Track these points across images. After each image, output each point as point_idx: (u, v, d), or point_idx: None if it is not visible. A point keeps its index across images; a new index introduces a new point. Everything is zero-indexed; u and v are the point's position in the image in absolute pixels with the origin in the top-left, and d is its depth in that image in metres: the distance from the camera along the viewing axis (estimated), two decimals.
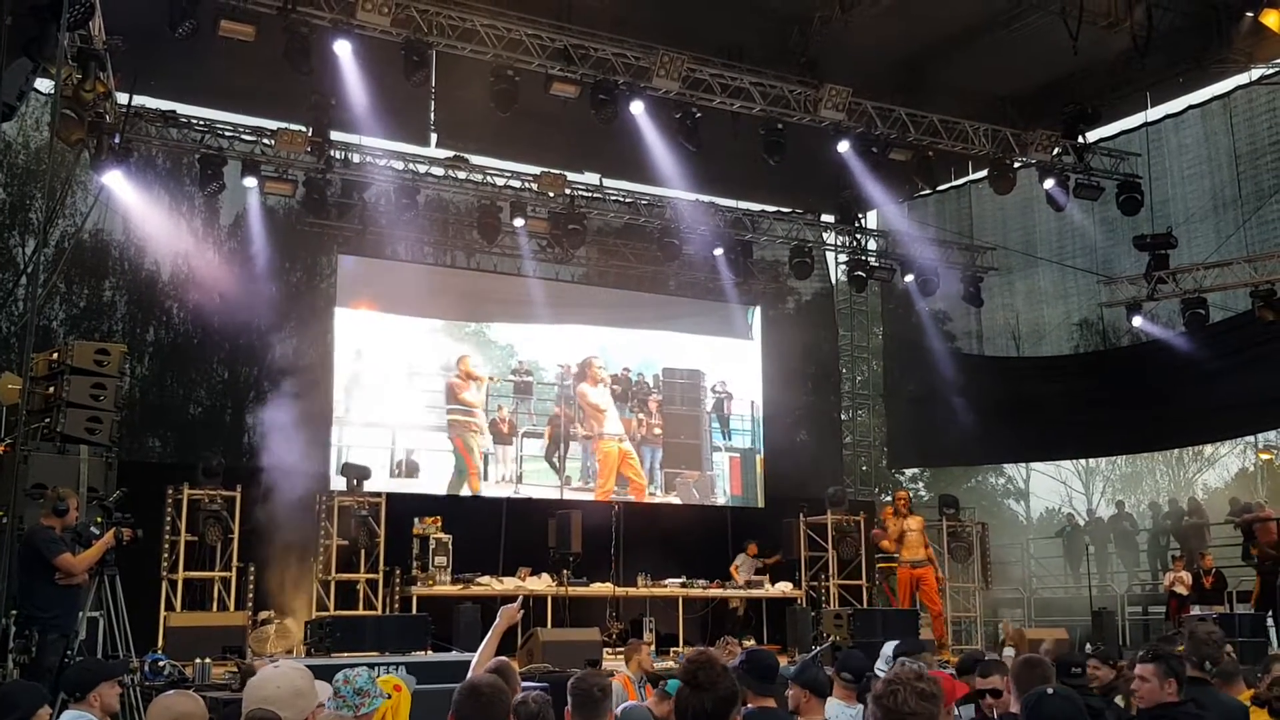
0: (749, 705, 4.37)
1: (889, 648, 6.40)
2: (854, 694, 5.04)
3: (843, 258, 18.15)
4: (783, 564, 14.77)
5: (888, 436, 19.63)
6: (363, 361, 14.33)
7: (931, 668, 5.82)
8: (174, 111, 13.01)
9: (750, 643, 11.47)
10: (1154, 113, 15.78)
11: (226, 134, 13.22)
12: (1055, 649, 9.35)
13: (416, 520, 12.66)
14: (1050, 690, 3.44)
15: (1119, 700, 5.40)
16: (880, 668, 6.13)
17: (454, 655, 9.72)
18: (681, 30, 12.72)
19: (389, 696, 3.97)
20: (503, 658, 4.59)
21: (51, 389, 9.07)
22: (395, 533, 12.55)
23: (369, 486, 12.78)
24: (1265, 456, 31.05)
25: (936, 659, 9.08)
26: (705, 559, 14.68)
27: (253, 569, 11.90)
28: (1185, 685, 4.42)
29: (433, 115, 14.74)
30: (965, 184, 17.79)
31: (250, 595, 11.83)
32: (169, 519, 11.49)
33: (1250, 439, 28.05)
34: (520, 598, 5.61)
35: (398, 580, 12.39)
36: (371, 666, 4.24)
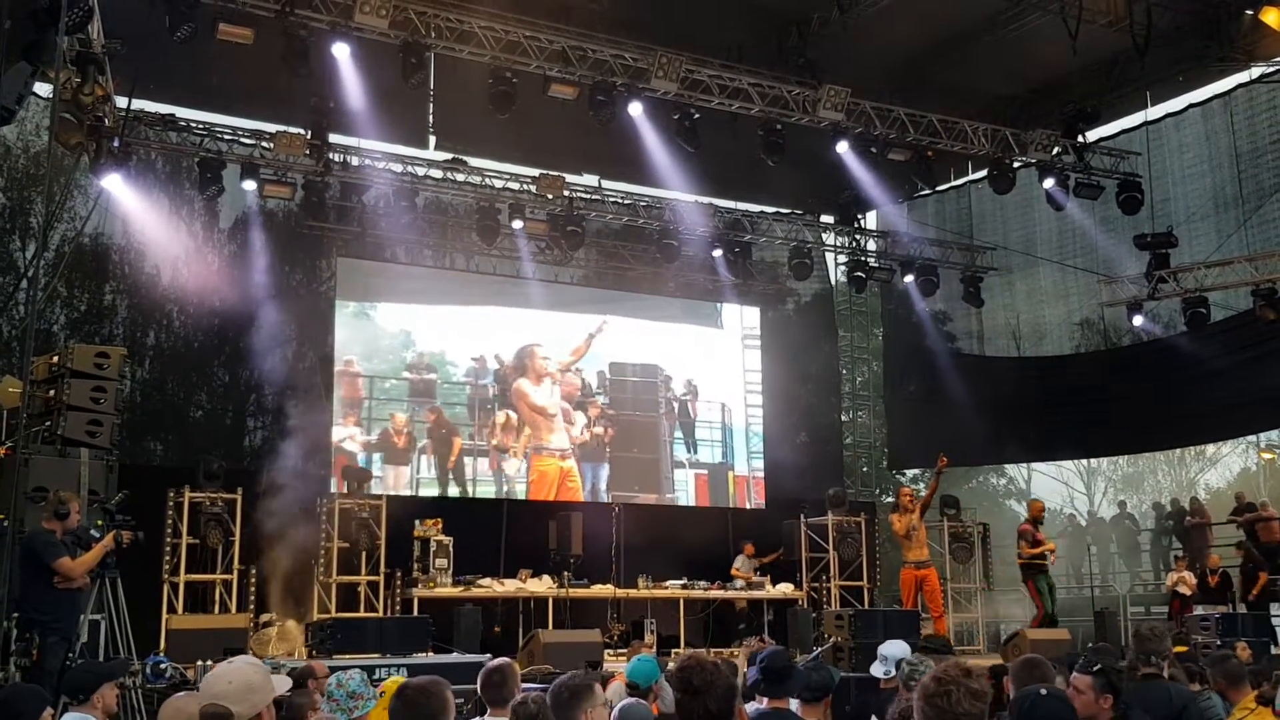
0: (764, 705, 4.36)
1: (890, 648, 6.24)
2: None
3: (842, 258, 18.14)
4: (782, 561, 14.75)
5: (888, 437, 19.60)
6: (362, 361, 14.23)
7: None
8: (173, 115, 13.00)
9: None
10: (1154, 111, 15.77)
11: (225, 137, 13.22)
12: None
13: (417, 522, 12.65)
14: (1044, 690, 3.39)
15: None
16: (880, 670, 6.07)
17: (455, 657, 9.73)
18: (679, 31, 12.71)
19: (382, 695, 3.97)
20: (505, 658, 4.58)
21: (52, 392, 9.08)
22: (396, 535, 12.55)
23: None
24: (1267, 456, 31.05)
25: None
26: (706, 560, 14.65)
27: (254, 571, 11.89)
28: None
29: (431, 117, 14.73)
30: (965, 184, 17.77)
31: (251, 597, 11.82)
32: (170, 522, 11.48)
33: (1252, 438, 28.03)
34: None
35: (399, 582, 12.38)
36: (372, 669, 4.24)
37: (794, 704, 4.54)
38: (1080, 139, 14.81)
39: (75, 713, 4.72)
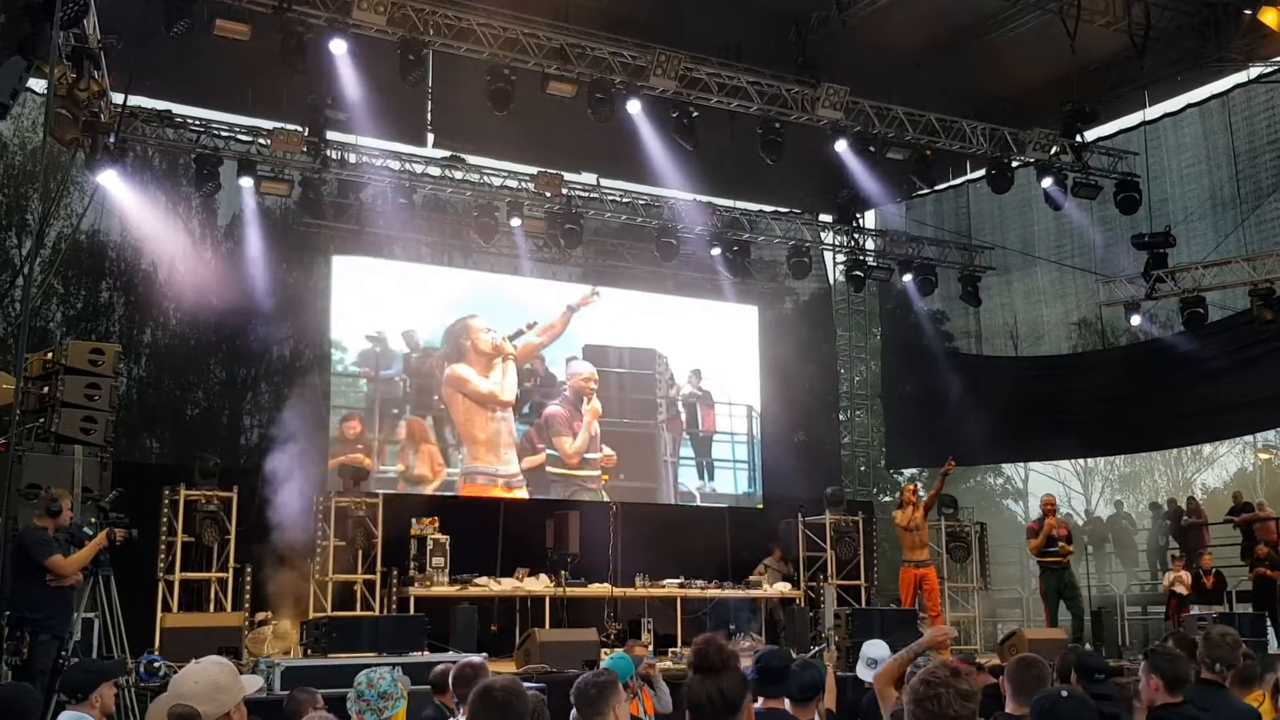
0: (759, 705, 4.34)
1: (874, 649, 6.15)
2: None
3: (841, 257, 18.13)
4: (782, 559, 14.74)
5: (886, 436, 19.60)
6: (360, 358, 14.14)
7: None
8: (169, 111, 12.96)
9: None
10: (1152, 111, 15.78)
11: (222, 134, 13.18)
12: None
13: (414, 521, 12.61)
14: (1065, 692, 3.37)
15: None
16: (868, 674, 6.01)
17: (450, 656, 9.68)
18: (678, 29, 12.69)
19: None
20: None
21: (46, 389, 9.05)
22: (393, 533, 12.51)
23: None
24: (1264, 456, 31.10)
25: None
26: (703, 560, 14.62)
27: (249, 570, 11.85)
28: (1185, 685, 4.32)
29: (429, 115, 14.69)
30: (963, 183, 17.76)
31: (247, 596, 11.78)
32: (166, 520, 11.42)
33: (1249, 439, 28.05)
34: None
35: (395, 581, 12.34)
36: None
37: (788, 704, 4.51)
38: (1078, 139, 14.78)
39: (73, 711, 4.69)
